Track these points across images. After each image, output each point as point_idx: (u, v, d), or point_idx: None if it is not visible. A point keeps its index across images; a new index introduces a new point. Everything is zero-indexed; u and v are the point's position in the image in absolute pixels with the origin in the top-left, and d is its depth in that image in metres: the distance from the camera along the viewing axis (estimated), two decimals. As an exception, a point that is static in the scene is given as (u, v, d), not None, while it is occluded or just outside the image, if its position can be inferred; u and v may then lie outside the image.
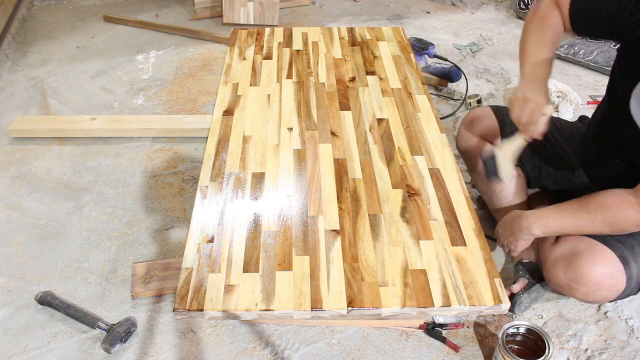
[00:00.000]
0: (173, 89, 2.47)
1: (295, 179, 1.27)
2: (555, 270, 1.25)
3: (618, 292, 1.22)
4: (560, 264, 1.24)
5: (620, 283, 1.21)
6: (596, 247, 1.21)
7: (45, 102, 2.38)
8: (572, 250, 1.24)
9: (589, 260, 1.20)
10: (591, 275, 1.19)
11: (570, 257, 1.23)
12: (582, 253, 1.21)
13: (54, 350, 1.34)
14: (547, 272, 1.29)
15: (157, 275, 1.49)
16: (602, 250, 1.21)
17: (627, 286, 1.22)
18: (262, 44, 1.83)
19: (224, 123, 1.45)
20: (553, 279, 1.27)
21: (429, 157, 1.33)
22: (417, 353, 1.32)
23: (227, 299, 0.99)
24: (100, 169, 1.96)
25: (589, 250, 1.21)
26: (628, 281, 1.21)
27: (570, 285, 1.23)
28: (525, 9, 3.06)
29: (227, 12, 3.03)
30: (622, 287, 1.21)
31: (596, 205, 1.16)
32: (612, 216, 1.14)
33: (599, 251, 1.21)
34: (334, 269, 1.05)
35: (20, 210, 1.78)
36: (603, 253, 1.20)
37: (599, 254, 1.20)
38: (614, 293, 1.23)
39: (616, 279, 1.20)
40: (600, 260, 1.20)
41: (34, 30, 3.04)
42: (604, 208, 1.15)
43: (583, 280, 1.20)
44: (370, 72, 1.66)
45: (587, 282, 1.20)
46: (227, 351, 1.33)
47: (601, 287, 1.20)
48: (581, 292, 1.22)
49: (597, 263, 1.19)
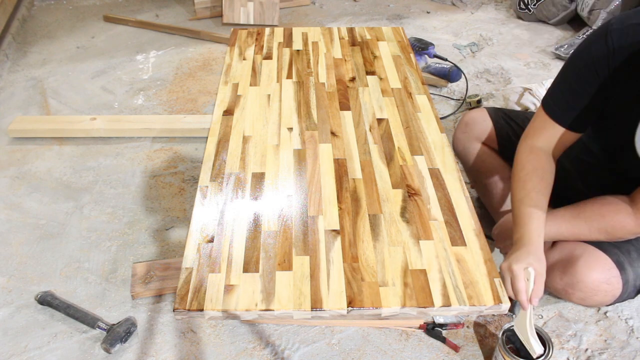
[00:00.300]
0: (173, 89, 2.47)
1: (295, 179, 1.27)
2: (551, 275, 1.25)
3: (614, 297, 1.22)
4: (556, 269, 1.24)
5: (616, 288, 1.21)
6: (592, 252, 1.21)
7: (45, 102, 2.38)
8: (568, 255, 1.24)
9: (584, 266, 1.20)
10: (587, 281, 1.19)
11: (566, 263, 1.23)
12: (578, 258, 1.21)
13: (54, 350, 1.34)
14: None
15: (157, 275, 1.49)
16: (598, 255, 1.20)
17: (624, 291, 1.22)
18: (262, 44, 1.83)
19: (224, 123, 1.45)
20: (549, 283, 1.27)
21: (429, 157, 1.33)
22: (417, 353, 1.32)
23: (227, 299, 0.99)
24: (100, 169, 1.96)
25: (585, 255, 1.21)
26: (624, 286, 1.21)
27: (566, 290, 1.23)
28: (525, 9, 3.06)
29: (227, 12, 3.03)
30: (618, 293, 1.21)
31: (592, 213, 1.16)
32: (609, 225, 1.13)
33: (595, 257, 1.20)
34: (334, 269, 1.05)
35: (20, 210, 1.78)
36: (599, 259, 1.20)
37: (595, 259, 1.20)
38: (610, 298, 1.23)
39: (612, 284, 1.20)
40: (596, 266, 1.19)
41: (34, 30, 3.04)
42: (600, 217, 1.14)
43: (579, 286, 1.20)
44: (370, 72, 1.66)
45: (582, 287, 1.20)
46: (227, 351, 1.33)
47: (597, 292, 1.20)
48: (577, 297, 1.23)
49: (593, 269, 1.19)
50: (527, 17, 3.09)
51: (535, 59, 2.69)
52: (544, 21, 3.05)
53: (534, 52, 2.76)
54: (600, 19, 2.75)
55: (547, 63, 2.65)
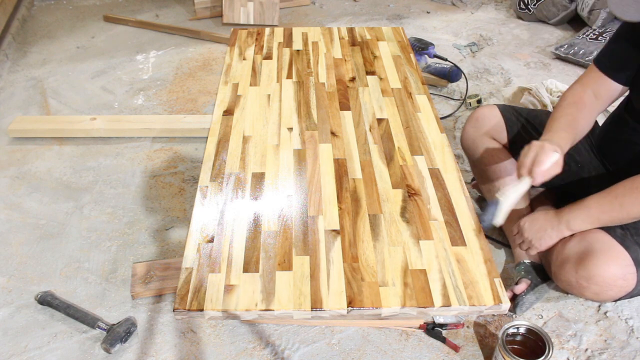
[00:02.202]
0: (173, 89, 2.47)
1: (295, 179, 1.27)
2: (565, 267, 1.24)
3: (626, 292, 1.23)
4: (571, 261, 1.23)
5: (630, 285, 1.21)
6: (613, 247, 1.20)
7: (45, 102, 2.38)
8: (586, 248, 1.23)
9: (603, 260, 1.19)
10: (605, 275, 1.19)
11: (583, 255, 1.22)
12: (597, 252, 1.20)
13: (54, 350, 1.34)
14: (556, 270, 1.28)
15: (157, 275, 1.49)
16: (619, 251, 1.20)
17: (636, 288, 1.22)
18: (262, 44, 1.83)
19: (224, 123, 1.45)
20: (563, 277, 1.25)
21: (429, 157, 1.33)
22: (417, 353, 1.32)
23: (227, 299, 0.99)
24: (100, 169, 1.96)
25: (605, 249, 1.20)
26: (638, 283, 1.21)
27: (580, 283, 1.22)
28: (525, 9, 3.06)
29: (227, 12, 3.03)
30: (630, 289, 1.21)
31: (624, 189, 1.16)
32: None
33: (616, 252, 1.20)
34: (334, 269, 1.05)
35: (20, 210, 1.78)
36: (619, 254, 1.19)
37: (616, 254, 1.19)
38: (622, 293, 1.23)
39: (628, 280, 1.20)
40: (614, 260, 1.19)
41: (34, 30, 3.04)
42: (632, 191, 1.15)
43: (595, 280, 1.19)
44: (370, 72, 1.66)
45: (599, 281, 1.19)
46: (227, 351, 1.33)
47: (612, 287, 1.20)
48: (592, 291, 1.22)
49: (612, 263, 1.19)
50: (527, 17, 3.09)
51: (535, 59, 2.69)
52: (544, 21, 3.05)
53: (534, 52, 2.76)
54: (600, 19, 2.75)
55: (547, 63, 2.65)
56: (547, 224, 1.28)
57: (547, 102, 2.14)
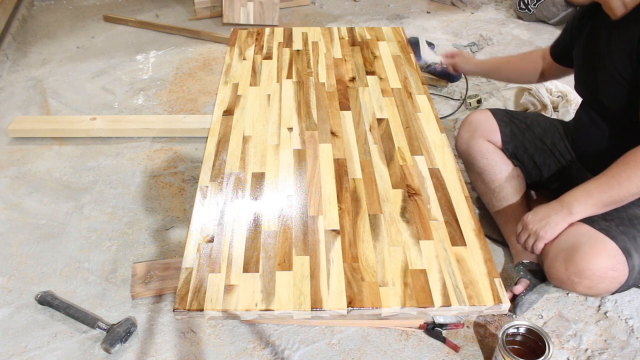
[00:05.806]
0: (173, 89, 2.47)
1: (295, 179, 1.27)
2: (556, 264, 1.24)
3: (620, 283, 1.21)
4: (560, 258, 1.23)
5: (622, 275, 1.20)
6: (598, 238, 1.20)
7: (45, 102, 2.38)
8: (573, 243, 1.22)
9: (590, 253, 1.19)
10: (593, 268, 1.18)
11: (570, 251, 1.22)
12: (584, 245, 1.20)
13: (54, 350, 1.34)
14: (547, 268, 1.28)
15: (157, 275, 1.49)
16: (604, 241, 1.20)
17: (630, 277, 1.21)
18: (262, 44, 1.83)
19: (224, 123, 1.45)
20: (554, 274, 1.25)
21: (429, 157, 1.33)
22: (417, 353, 1.32)
23: (227, 299, 0.99)
24: (100, 169, 1.96)
25: (591, 242, 1.20)
26: (630, 272, 1.20)
27: (571, 279, 1.22)
28: (525, 9, 3.06)
29: (227, 12, 3.03)
30: (623, 279, 1.21)
31: (620, 169, 1.18)
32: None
33: (601, 242, 1.20)
34: (334, 269, 1.05)
35: (20, 210, 1.78)
36: (605, 244, 1.19)
37: (601, 245, 1.19)
38: (616, 285, 1.22)
39: (618, 270, 1.19)
40: (602, 252, 1.19)
41: (34, 30, 3.04)
42: (627, 166, 1.17)
43: (585, 274, 1.19)
44: (370, 72, 1.66)
45: (589, 274, 1.19)
46: (227, 351, 1.33)
47: (604, 279, 1.20)
48: (583, 285, 1.21)
49: (599, 255, 1.18)
50: (527, 17, 3.09)
51: (535, 59, 2.68)
52: (544, 21, 3.05)
53: (534, 52, 2.76)
54: (600, 19, 2.74)
55: (547, 63, 2.65)
56: (550, 211, 1.28)
57: (547, 102, 2.14)
